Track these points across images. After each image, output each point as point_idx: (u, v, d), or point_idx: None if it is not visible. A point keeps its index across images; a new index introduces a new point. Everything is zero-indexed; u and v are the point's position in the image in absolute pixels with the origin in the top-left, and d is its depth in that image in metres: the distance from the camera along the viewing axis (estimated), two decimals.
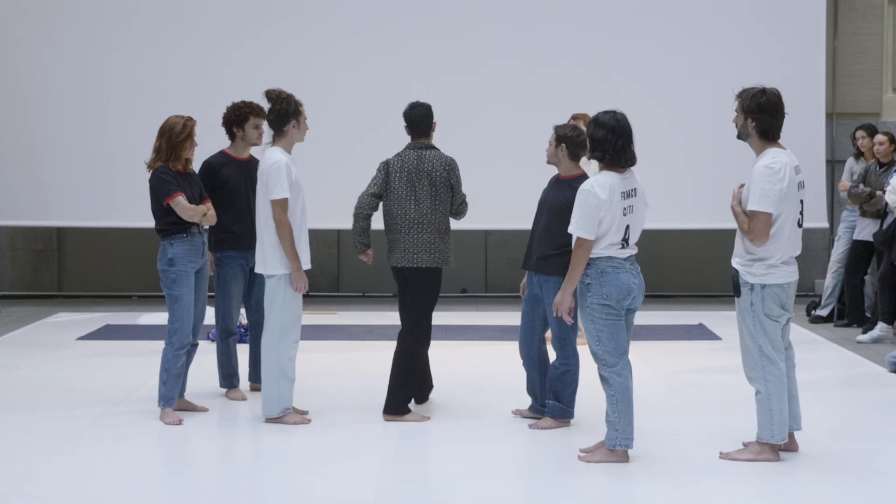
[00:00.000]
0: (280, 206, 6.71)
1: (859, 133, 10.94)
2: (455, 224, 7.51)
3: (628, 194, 6.00)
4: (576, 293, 6.09)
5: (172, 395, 7.02)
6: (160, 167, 6.97)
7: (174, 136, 6.97)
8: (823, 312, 11.05)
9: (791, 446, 6.28)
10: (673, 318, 10.99)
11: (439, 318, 9.52)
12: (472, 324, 10.59)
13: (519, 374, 7.23)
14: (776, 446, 6.09)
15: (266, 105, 6.95)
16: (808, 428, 6.81)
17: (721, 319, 11.18)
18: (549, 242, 6.67)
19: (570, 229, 5.98)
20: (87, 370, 8.55)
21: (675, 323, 10.72)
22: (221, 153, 7.67)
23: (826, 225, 12.35)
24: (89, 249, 13.12)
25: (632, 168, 6.06)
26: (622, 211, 5.95)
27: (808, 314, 11.28)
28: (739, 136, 6.14)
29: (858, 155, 11.01)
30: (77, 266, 13.20)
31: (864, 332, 9.98)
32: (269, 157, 6.79)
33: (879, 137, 10.53)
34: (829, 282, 11.06)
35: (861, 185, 10.47)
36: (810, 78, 12.14)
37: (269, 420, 6.93)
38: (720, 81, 12.10)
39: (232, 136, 7.62)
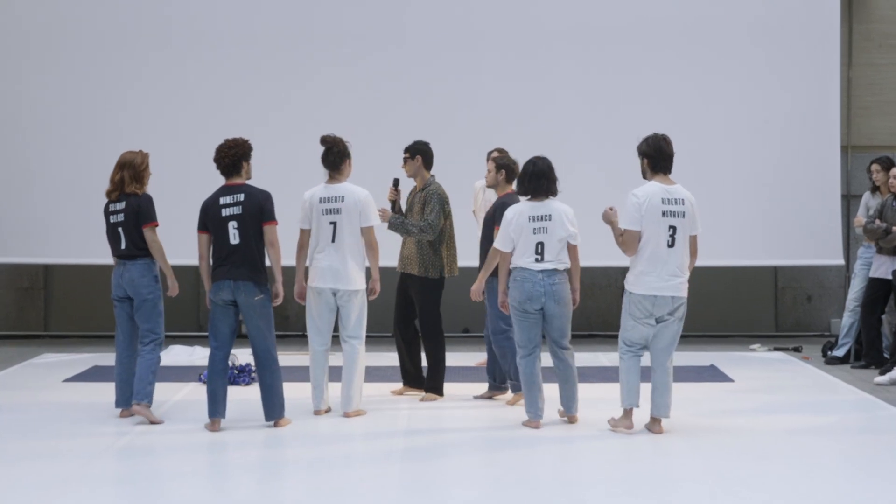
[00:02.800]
0: (374, 231, 8.35)
1: (874, 167, 10.98)
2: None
3: (539, 218, 7.87)
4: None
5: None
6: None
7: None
8: (839, 353, 11.07)
9: (654, 428, 7.75)
10: (684, 360, 10.95)
11: (453, 357, 9.56)
12: (474, 365, 10.72)
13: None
14: (628, 411, 7.74)
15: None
16: (824, 473, 6.83)
17: (734, 360, 11.21)
18: (485, 248, 8.60)
19: (494, 243, 8.11)
20: (74, 413, 8.56)
21: (685, 364, 10.72)
22: None
23: (842, 262, 12.39)
24: (77, 287, 13.16)
25: (552, 198, 7.96)
26: (531, 231, 7.84)
27: (824, 355, 11.30)
28: (644, 176, 7.76)
29: (875, 189, 11.04)
30: (64, 305, 13.24)
31: (882, 374, 10.00)
32: (356, 190, 8.34)
33: (895, 171, 10.58)
34: (846, 321, 11.09)
35: (877, 221, 10.51)
36: (825, 110, 12.23)
37: (349, 414, 8.33)
38: (732, 115, 12.23)
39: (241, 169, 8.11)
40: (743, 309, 13.33)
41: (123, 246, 8.18)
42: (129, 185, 8.17)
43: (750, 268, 12.97)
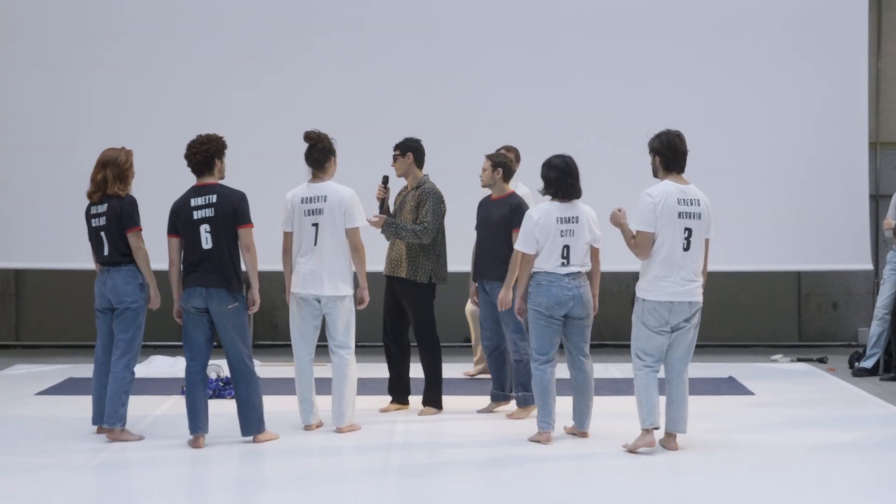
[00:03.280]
0: (359, 233, 8.29)
1: None
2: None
3: (567, 220, 7.98)
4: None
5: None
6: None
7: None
8: (868, 364, 11.05)
9: (670, 444, 7.73)
10: (700, 371, 10.97)
11: (449, 369, 9.60)
12: (462, 375, 10.72)
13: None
14: (649, 430, 7.62)
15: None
16: (851, 492, 6.82)
17: (753, 371, 11.20)
18: (498, 254, 8.68)
19: (515, 246, 8.16)
20: (47, 428, 8.54)
21: (702, 376, 10.70)
22: None
23: (870, 267, 12.36)
24: (50, 294, 13.14)
25: (577, 200, 8.09)
26: (559, 233, 7.94)
27: (851, 366, 11.28)
28: (655, 174, 7.78)
29: None
30: (37, 312, 13.21)
31: None
32: (340, 189, 8.32)
33: None
34: (874, 330, 11.07)
35: None
36: (852, 104, 12.20)
37: (342, 429, 8.32)
38: (752, 110, 12.18)
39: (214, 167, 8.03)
40: (764, 317, 13.30)
41: (106, 252, 8.06)
42: (113, 185, 8.03)
43: (772, 273, 12.94)
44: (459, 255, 9.94)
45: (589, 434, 8.14)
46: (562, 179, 8.04)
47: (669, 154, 7.68)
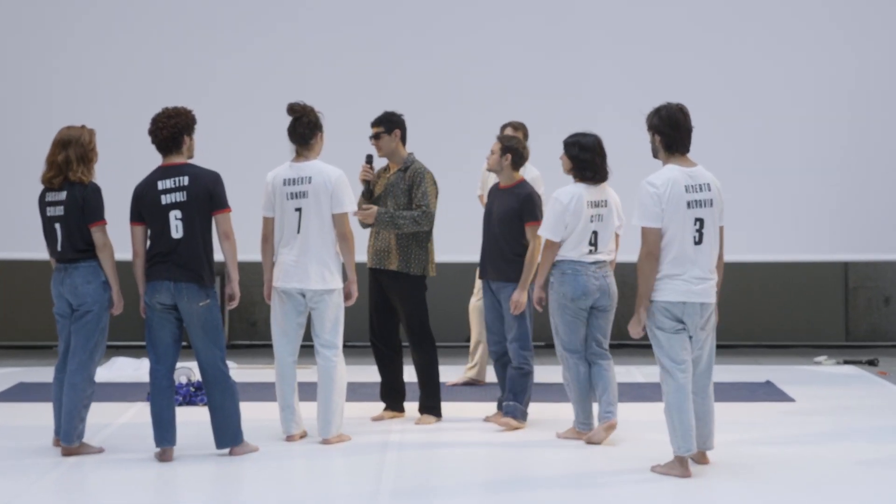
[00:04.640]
0: (348, 219, 8.29)
1: None
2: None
3: (597, 204, 8.27)
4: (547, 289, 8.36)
5: None
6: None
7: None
8: None
9: (701, 459, 7.66)
10: (734, 374, 11.00)
11: (446, 372, 9.59)
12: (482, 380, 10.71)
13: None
14: (684, 459, 7.41)
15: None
16: None
17: (793, 375, 11.20)
18: (504, 251, 8.70)
19: (539, 232, 8.40)
20: None
21: (736, 380, 10.74)
22: None
23: None
24: None
25: (605, 183, 8.36)
26: (588, 218, 8.21)
27: None
28: (655, 155, 7.60)
29: None
30: None
31: None
32: (327, 169, 8.29)
33: None
34: None
35: None
36: None
37: (329, 441, 8.29)
38: (790, 81, 12.14)
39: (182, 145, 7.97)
40: (806, 314, 13.31)
41: (60, 247, 7.93)
42: (77, 169, 7.88)
43: (814, 264, 12.93)
44: (456, 244, 9.90)
45: (616, 423, 8.28)
46: (595, 160, 8.30)
47: (671, 132, 7.45)
